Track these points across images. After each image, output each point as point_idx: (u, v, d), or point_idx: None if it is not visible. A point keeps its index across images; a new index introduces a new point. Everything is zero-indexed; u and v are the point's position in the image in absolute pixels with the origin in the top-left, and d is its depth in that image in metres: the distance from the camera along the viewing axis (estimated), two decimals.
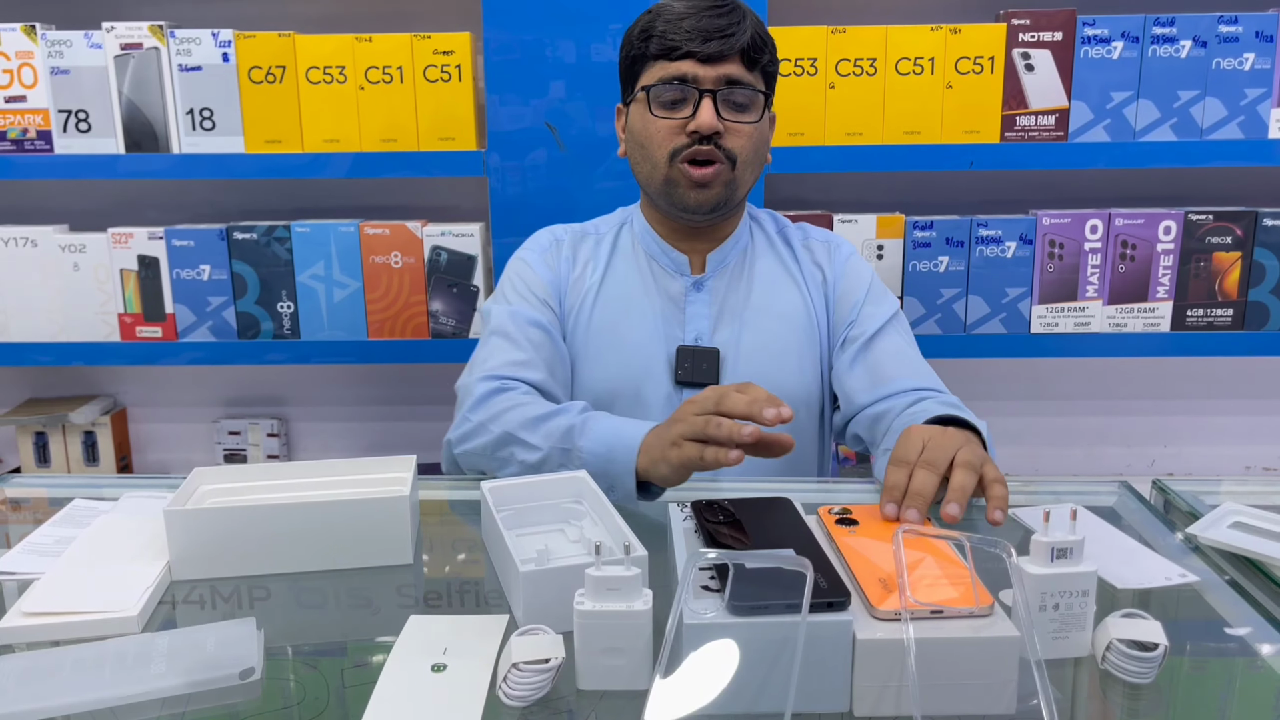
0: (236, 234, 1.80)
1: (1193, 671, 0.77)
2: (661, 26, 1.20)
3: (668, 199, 1.25)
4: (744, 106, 1.22)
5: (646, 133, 1.23)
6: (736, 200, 1.27)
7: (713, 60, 1.19)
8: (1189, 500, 1.03)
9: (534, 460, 1.11)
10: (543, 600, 0.79)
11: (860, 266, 1.36)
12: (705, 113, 1.18)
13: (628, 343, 1.29)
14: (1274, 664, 0.76)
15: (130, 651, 0.76)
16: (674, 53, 1.19)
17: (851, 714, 0.69)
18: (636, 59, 1.24)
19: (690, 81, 1.19)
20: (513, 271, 1.35)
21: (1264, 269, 1.78)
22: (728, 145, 1.21)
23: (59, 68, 1.75)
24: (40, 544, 0.95)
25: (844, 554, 0.79)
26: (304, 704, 0.73)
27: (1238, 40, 1.71)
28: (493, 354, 1.25)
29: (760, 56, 1.22)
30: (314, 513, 0.91)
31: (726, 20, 1.19)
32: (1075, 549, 0.74)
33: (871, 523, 0.86)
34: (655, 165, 1.24)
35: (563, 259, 1.34)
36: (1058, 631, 0.74)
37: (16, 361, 1.86)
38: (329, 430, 2.10)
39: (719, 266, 1.32)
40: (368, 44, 1.74)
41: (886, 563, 0.77)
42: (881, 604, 0.70)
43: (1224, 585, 0.86)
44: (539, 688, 0.71)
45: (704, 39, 1.18)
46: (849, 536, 0.83)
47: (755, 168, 1.27)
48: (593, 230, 1.38)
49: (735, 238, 1.33)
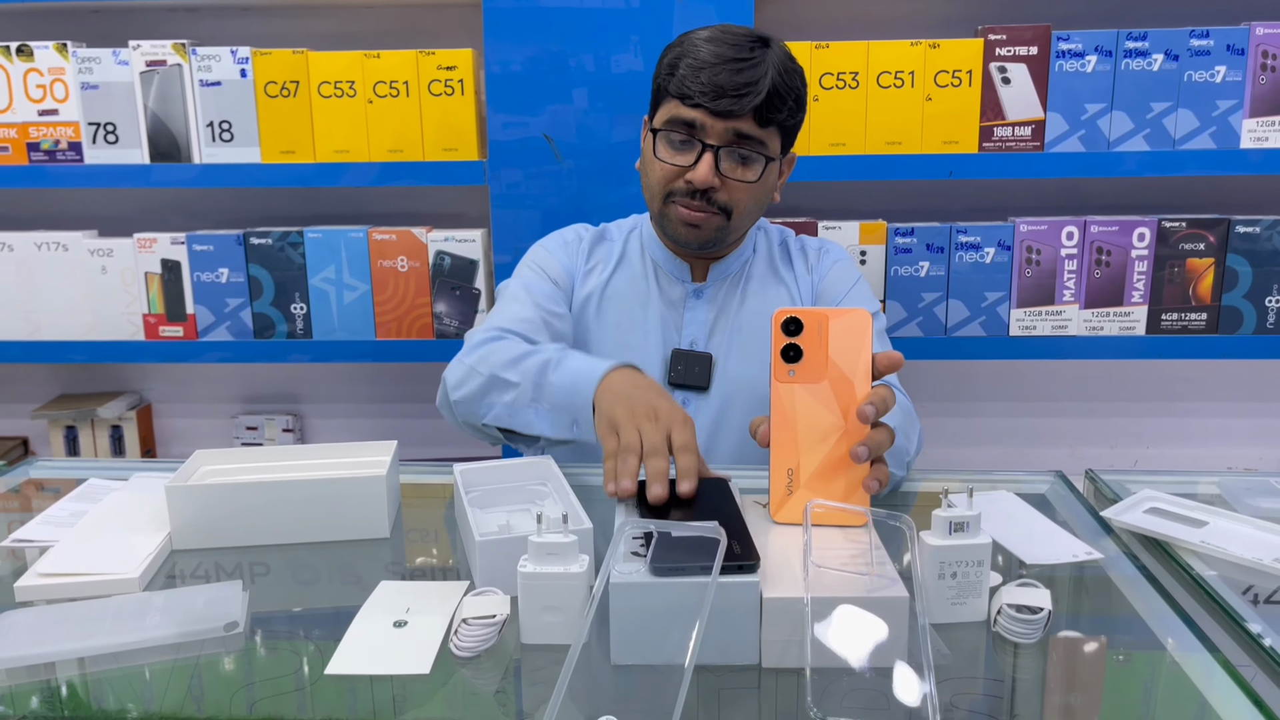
0: (253, 239, 1.91)
1: (1080, 634, 0.84)
2: (683, 70, 1.22)
3: (662, 229, 1.34)
4: (746, 163, 1.25)
5: (652, 166, 1.29)
6: (729, 242, 1.34)
7: (724, 115, 1.20)
8: (1115, 489, 1.10)
9: (510, 398, 1.17)
10: (497, 567, 0.87)
11: (847, 269, 1.43)
12: (702, 168, 1.22)
13: (627, 342, 1.37)
14: (1158, 632, 0.83)
15: (129, 607, 0.86)
16: (688, 100, 1.21)
17: (760, 666, 0.77)
18: (660, 89, 1.28)
19: (698, 130, 1.22)
20: (532, 256, 1.43)
21: (1237, 274, 1.83)
22: (721, 199, 1.25)
23: (89, 83, 1.87)
24: (56, 516, 1.05)
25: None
26: (279, 653, 0.83)
27: (1209, 54, 1.77)
28: (499, 312, 1.33)
29: (776, 114, 1.22)
30: (300, 490, 1.01)
31: (745, 78, 1.19)
32: (972, 523, 0.82)
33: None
34: (653, 197, 1.31)
35: (581, 253, 1.42)
36: (955, 598, 0.82)
37: (48, 359, 1.98)
38: (340, 425, 2.21)
39: (720, 276, 1.39)
40: (376, 60, 1.84)
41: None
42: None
43: (1127, 563, 0.93)
44: (485, 640, 0.80)
45: (717, 95, 1.19)
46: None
47: (753, 216, 1.32)
48: (608, 234, 1.46)
49: (739, 252, 1.40)
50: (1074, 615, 0.87)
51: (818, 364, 0.89)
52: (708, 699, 0.74)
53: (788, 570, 0.80)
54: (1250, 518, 0.99)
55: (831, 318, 0.89)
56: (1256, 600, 0.88)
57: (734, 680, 0.76)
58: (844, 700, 0.72)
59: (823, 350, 0.89)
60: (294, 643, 0.85)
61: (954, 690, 0.75)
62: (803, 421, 0.90)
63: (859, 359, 0.89)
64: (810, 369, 0.89)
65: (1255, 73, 1.77)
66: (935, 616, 0.82)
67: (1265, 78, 1.77)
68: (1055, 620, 0.82)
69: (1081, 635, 0.83)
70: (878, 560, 0.80)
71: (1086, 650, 0.82)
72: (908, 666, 0.74)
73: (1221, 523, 0.99)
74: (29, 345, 1.97)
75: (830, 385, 0.89)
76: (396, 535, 1.05)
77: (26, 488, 1.23)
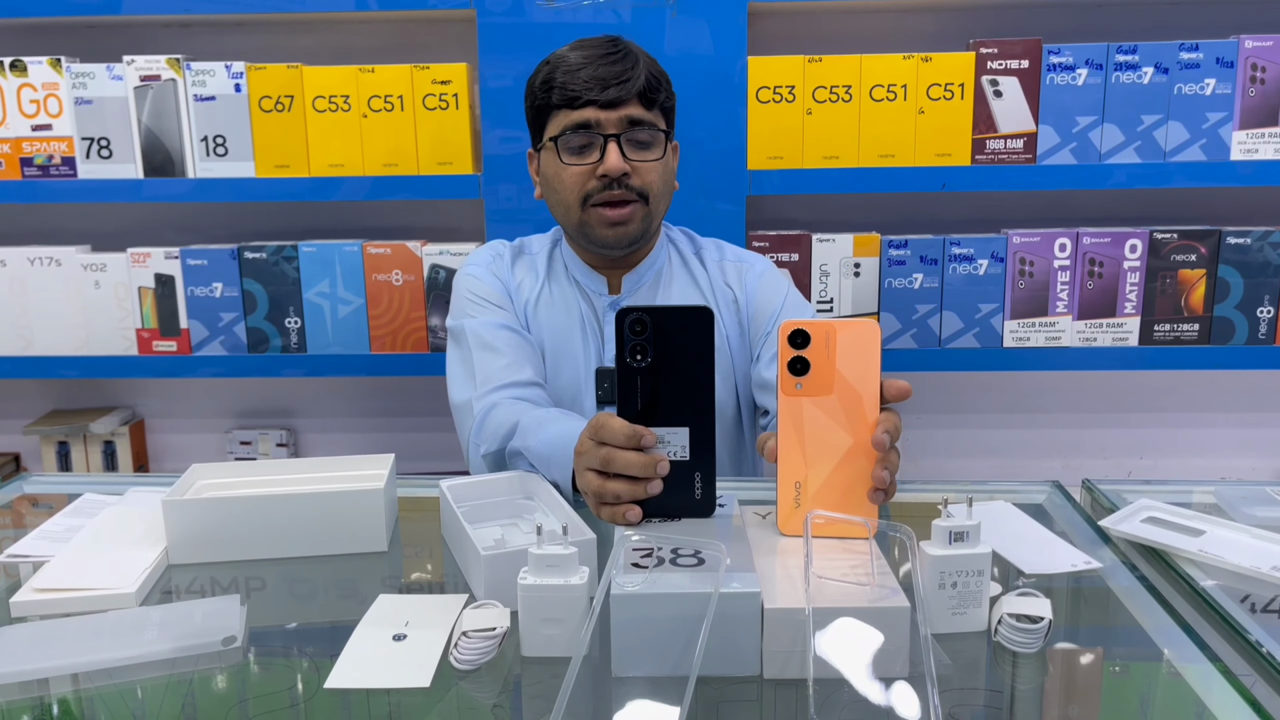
0: (247, 254, 1.91)
1: (1080, 644, 0.84)
2: (561, 78, 1.27)
3: (585, 238, 1.33)
4: (647, 145, 1.29)
5: (559, 179, 1.30)
6: (651, 232, 1.35)
7: (613, 105, 1.25)
8: (1112, 498, 1.10)
9: (525, 466, 1.19)
10: (500, 581, 0.87)
11: (774, 281, 1.43)
12: (612, 156, 1.26)
13: (558, 363, 1.38)
14: (1157, 641, 0.83)
15: (126, 622, 0.86)
16: (575, 101, 1.26)
17: (762, 677, 0.77)
18: (541, 109, 1.31)
19: (594, 127, 1.26)
20: (464, 287, 1.41)
21: (1229, 285, 1.84)
22: (637, 184, 1.28)
23: (82, 98, 1.87)
24: (52, 531, 1.05)
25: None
26: (278, 668, 0.82)
27: (1199, 66, 1.78)
28: (481, 368, 1.33)
29: (657, 95, 1.29)
30: (298, 504, 1.00)
31: (621, 66, 1.26)
32: (972, 533, 0.82)
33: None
34: (569, 209, 1.31)
35: (504, 269, 1.42)
36: (956, 608, 0.82)
37: (41, 374, 1.97)
38: (335, 439, 2.20)
39: (634, 287, 1.40)
40: (370, 74, 1.85)
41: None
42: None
43: (1126, 572, 0.94)
44: (485, 653, 0.80)
45: (602, 87, 1.25)
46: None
47: (666, 198, 1.35)
48: (527, 248, 1.46)
49: (650, 260, 1.41)
50: (1073, 625, 0.88)
51: (825, 377, 0.89)
52: (709, 711, 0.74)
53: (789, 582, 0.80)
54: (1247, 526, 1.00)
55: (839, 330, 0.89)
56: (1255, 608, 0.88)
57: (735, 692, 0.76)
58: (846, 711, 0.72)
59: (830, 363, 0.89)
60: (292, 658, 0.84)
61: (955, 700, 0.75)
62: (810, 435, 0.90)
63: (867, 371, 0.89)
64: (817, 382, 0.89)
65: (1245, 85, 1.78)
66: (936, 626, 0.82)
67: (1255, 90, 1.78)
68: (1055, 630, 0.82)
69: (1080, 646, 0.84)
70: (878, 570, 0.80)
71: (1086, 659, 0.82)
72: (909, 677, 0.74)
73: (1219, 531, 0.99)
74: (21, 360, 1.96)
75: (838, 398, 0.89)
76: (394, 549, 1.05)
77: (19, 503, 1.22)
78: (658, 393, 0.91)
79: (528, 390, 1.30)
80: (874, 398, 0.89)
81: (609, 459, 0.92)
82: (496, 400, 1.28)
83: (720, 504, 0.96)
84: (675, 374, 0.91)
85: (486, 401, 1.28)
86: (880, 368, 0.89)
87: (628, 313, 0.90)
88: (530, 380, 1.31)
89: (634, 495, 0.91)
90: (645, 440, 0.91)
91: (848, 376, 0.89)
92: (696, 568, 0.80)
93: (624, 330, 0.90)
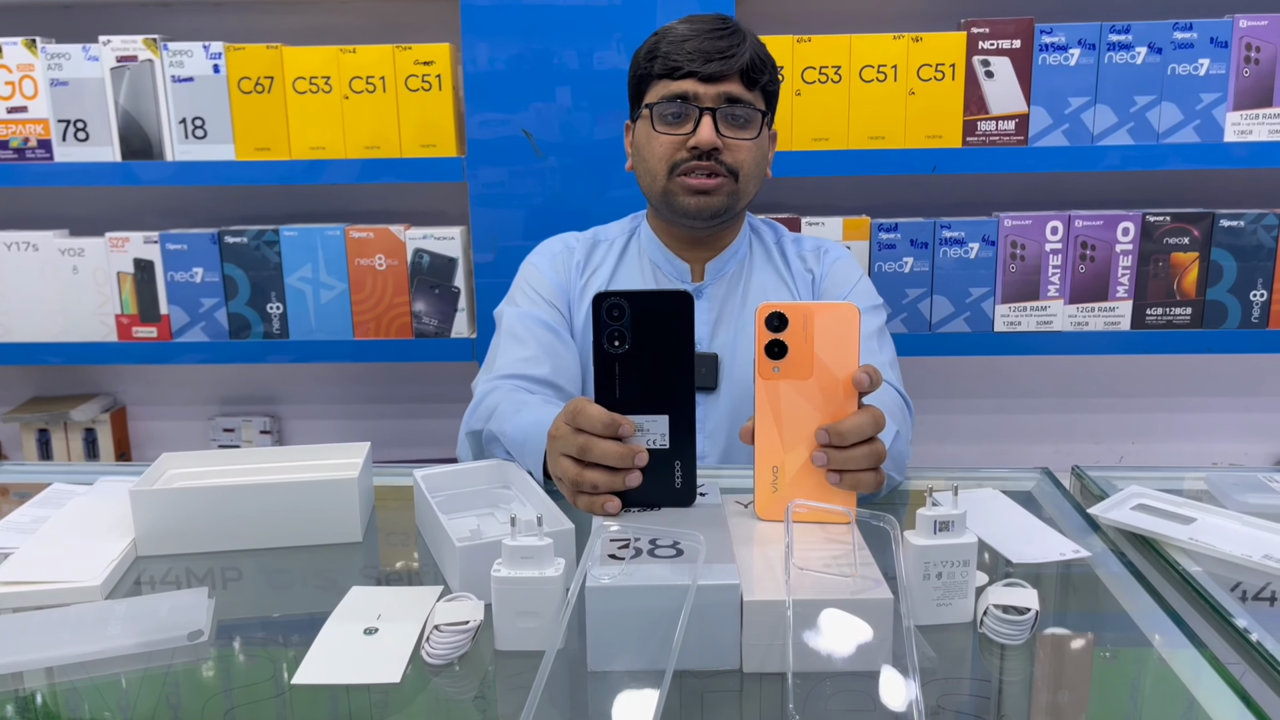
0: (228, 238, 1.88)
1: (1068, 635, 0.83)
2: (665, 48, 1.27)
3: (669, 208, 1.32)
4: (743, 123, 1.28)
5: (650, 147, 1.30)
6: (737, 210, 1.33)
7: (713, 79, 1.25)
8: (1102, 485, 1.08)
9: (502, 454, 1.17)
10: (475, 573, 0.85)
11: (848, 267, 1.42)
12: (705, 129, 1.25)
13: None
14: (1146, 629, 0.82)
15: (90, 616, 0.83)
16: (676, 72, 1.25)
17: (741, 671, 0.75)
18: (643, 78, 1.31)
19: (691, 99, 1.26)
20: (522, 276, 1.42)
21: (1222, 269, 1.83)
22: (728, 160, 1.27)
23: (58, 79, 1.83)
24: (18, 522, 1.02)
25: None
26: (247, 662, 0.80)
27: (1192, 46, 1.76)
28: (501, 354, 1.32)
29: (760, 76, 1.28)
30: (269, 493, 0.98)
31: (727, 42, 1.25)
32: (957, 522, 0.80)
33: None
34: (655, 178, 1.30)
35: (573, 265, 1.40)
36: (940, 599, 0.80)
37: (20, 361, 1.94)
38: (319, 426, 2.18)
39: (718, 274, 1.38)
40: (352, 55, 1.81)
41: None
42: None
43: (1115, 560, 0.92)
44: (458, 647, 0.78)
45: (705, 60, 1.24)
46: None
47: (756, 181, 1.33)
48: (603, 237, 1.44)
49: (734, 248, 1.39)
50: (1061, 614, 0.86)
51: (803, 360, 0.87)
52: (687, 705, 0.72)
53: (769, 573, 0.78)
54: (1238, 514, 0.98)
55: (817, 312, 0.87)
56: (1245, 597, 0.86)
57: (714, 685, 0.74)
58: (827, 705, 0.70)
59: (808, 346, 0.87)
60: (263, 651, 0.82)
61: (940, 693, 0.73)
62: (787, 419, 0.88)
63: (846, 355, 0.87)
64: (795, 365, 0.87)
65: (1239, 65, 1.75)
66: (920, 618, 0.80)
67: (1249, 70, 1.76)
68: (1042, 620, 0.80)
69: (1068, 634, 0.82)
70: (861, 561, 0.78)
71: (1073, 649, 0.80)
72: (892, 670, 0.72)
73: (1209, 519, 0.97)
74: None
75: (816, 382, 0.87)
76: (370, 539, 1.03)
77: None
78: (636, 379, 0.89)
79: (539, 386, 1.27)
80: (852, 382, 0.87)
81: (586, 447, 0.90)
82: (499, 385, 1.26)
83: (701, 493, 0.94)
84: (654, 360, 0.88)
85: (489, 385, 1.26)
86: (859, 351, 0.86)
87: (605, 297, 0.88)
88: (545, 378, 1.28)
89: (612, 486, 0.89)
90: (623, 430, 0.89)
91: (826, 360, 0.86)
92: (675, 559, 0.78)
93: (601, 315, 0.88)
